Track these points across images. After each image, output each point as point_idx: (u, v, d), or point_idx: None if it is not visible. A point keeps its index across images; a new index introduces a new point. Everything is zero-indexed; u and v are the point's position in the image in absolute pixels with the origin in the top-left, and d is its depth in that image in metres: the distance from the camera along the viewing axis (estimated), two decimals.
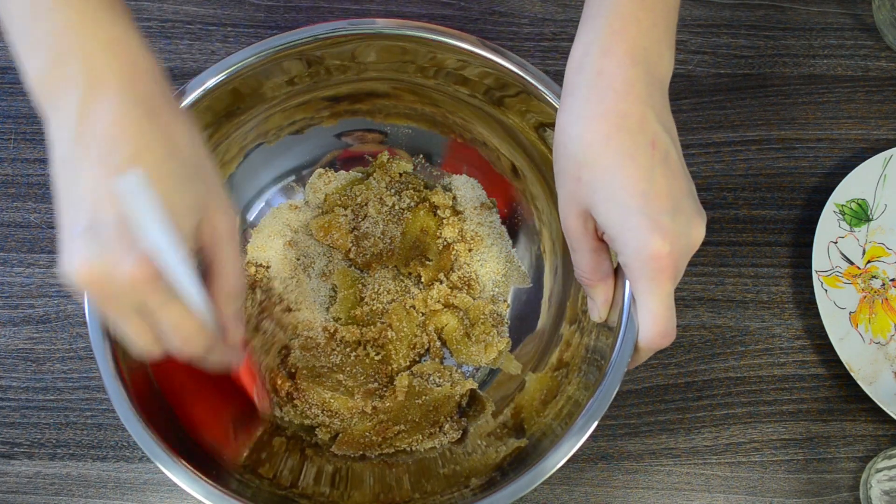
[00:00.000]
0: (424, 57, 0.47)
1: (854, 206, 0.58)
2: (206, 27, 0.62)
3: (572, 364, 0.47)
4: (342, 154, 0.56)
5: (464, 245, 0.54)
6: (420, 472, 0.48)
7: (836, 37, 0.64)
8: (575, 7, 0.63)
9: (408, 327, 0.51)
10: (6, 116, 0.60)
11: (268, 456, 0.47)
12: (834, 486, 0.54)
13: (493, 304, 0.53)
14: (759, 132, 0.61)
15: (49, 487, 0.53)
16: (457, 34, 0.46)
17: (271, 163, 0.54)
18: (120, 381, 0.40)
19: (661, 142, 0.35)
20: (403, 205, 0.54)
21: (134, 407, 0.39)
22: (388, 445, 0.49)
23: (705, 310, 0.57)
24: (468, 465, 0.47)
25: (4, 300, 0.56)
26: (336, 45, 0.46)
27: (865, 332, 0.56)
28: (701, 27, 0.64)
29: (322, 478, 0.47)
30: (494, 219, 0.55)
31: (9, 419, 0.54)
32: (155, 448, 0.39)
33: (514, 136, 0.51)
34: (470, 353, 0.52)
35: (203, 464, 0.40)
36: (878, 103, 0.62)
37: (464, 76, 0.48)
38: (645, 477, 0.54)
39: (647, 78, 0.35)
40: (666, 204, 0.34)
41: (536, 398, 0.48)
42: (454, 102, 0.51)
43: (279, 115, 0.51)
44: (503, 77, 0.46)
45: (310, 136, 0.54)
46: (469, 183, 0.55)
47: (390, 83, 0.51)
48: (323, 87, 0.50)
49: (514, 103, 0.48)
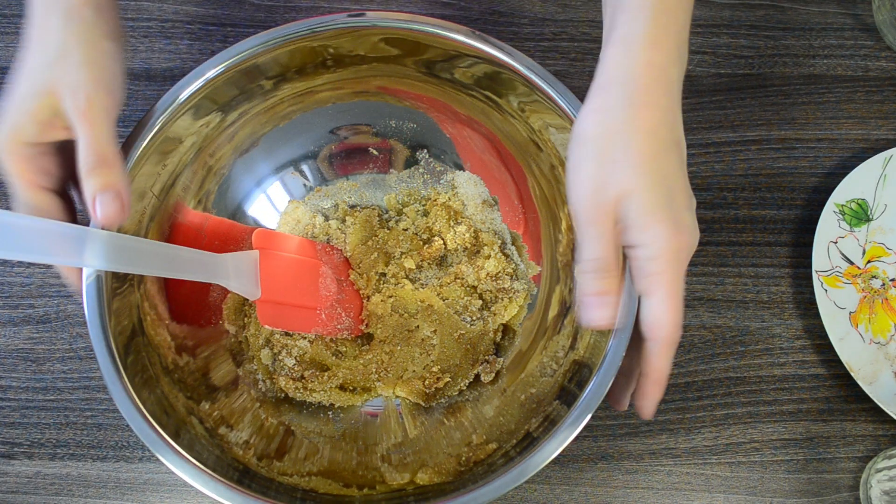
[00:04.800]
0: (428, 51, 0.48)
1: (854, 206, 0.58)
2: (206, 27, 0.62)
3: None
4: (338, 146, 0.56)
5: (465, 244, 0.54)
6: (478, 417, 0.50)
7: (836, 37, 0.64)
8: (575, 7, 0.63)
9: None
10: None
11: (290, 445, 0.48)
12: (834, 486, 0.54)
13: (498, 280, 0.54)
14: (759, 132, 0.61)
15: (49, 487, 0.53)
16: (465, 30, 0.46)
17: (267, 157, 0.54)
18: (118, 375, 0.40)
19: (683, 140, 0.37)
20: (420, 223, 0.55)
21: (134, 402, 0.39)
22: (441, 395, 0.51)
23: (705, 310, 0.57)
24: (541, 387, 0.48)
25: (4, 300, 0.56)
26: (335, 38, 0.47)
27: (865, 332, 0.56)
28: (701, 27, 0.64)
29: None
30: (496, 216, 0.55)
31: (9, 419, 0.54)
32: (158, 443, 0.39)
33: (515, 131, 0.51)
34: (495, 319, 0.53)
35: (202, 455, 0.40)
36: (878, 103, 0.62)
37: (467, 70, 0.48)
38: (645, 477, 0.54)
39: (681, 76, 0.37)
40: (687, 201, 0.36)
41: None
42: (457, 97, 0.52)
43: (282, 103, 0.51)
44: (504, 73, 0.46)
45: (305, 128, 0.54)
46: (472, 180, 0.56)
47: (390, 78, 0.51)
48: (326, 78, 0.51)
49: (514, 99, 0.48)
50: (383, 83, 0.52)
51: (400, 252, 0.54)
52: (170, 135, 0.45)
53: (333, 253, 0.54)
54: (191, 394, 0.46)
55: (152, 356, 0.44)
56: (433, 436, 0.50)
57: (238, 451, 0.45)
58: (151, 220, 0.46)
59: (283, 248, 0.51)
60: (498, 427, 0.48)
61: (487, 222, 0.55)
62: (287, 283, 0.49)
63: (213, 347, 0.51)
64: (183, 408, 0.44)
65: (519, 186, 0.54)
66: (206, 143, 0.49)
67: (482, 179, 0.56)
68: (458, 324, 0.52)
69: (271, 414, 0.50)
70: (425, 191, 0.56)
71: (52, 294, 0.56)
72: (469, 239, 0.54)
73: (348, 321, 0.52)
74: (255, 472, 0.44)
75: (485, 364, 0.52)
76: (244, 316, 0.53)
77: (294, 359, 0.51)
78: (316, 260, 0.52)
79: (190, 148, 0.48)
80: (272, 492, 0.42)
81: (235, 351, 0.52)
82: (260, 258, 0.48)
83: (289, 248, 0.51)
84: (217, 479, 0.39)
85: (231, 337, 0.52)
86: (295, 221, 0.55)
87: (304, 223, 0.55)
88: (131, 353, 0.42)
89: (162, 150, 0.46)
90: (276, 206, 0.55)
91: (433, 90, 0.52)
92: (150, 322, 0.45)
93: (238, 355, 0.52)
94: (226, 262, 0.46)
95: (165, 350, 0.46)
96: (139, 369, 0.42)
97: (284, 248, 0.51)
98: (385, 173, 0.57)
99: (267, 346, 0.52)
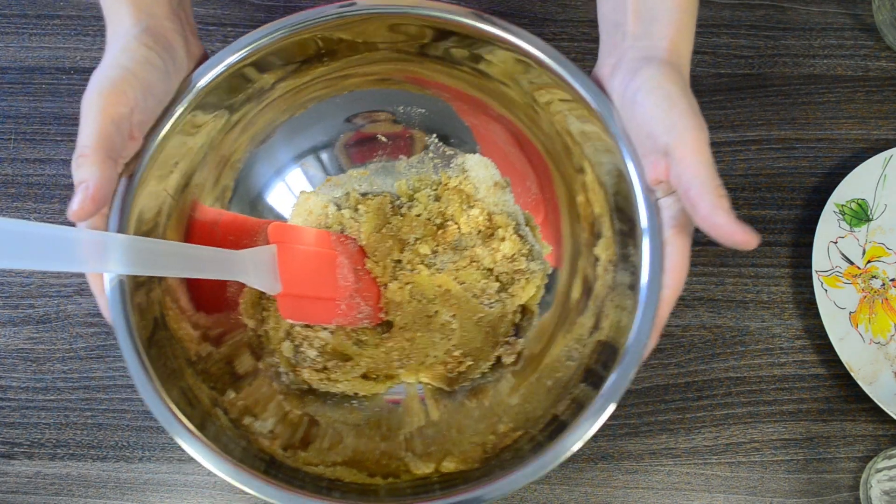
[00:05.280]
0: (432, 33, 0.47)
1: (854, 206, 0.58)
2: (206, 27, 0.62)
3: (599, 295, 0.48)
4: (354, 136, 0.55)
5: (479, 226, 0.54)
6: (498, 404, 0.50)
7: (836, 37, 0.64)
8: (575, 7, 0.63)
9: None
10: (6, 116, 0.60)
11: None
12: (834, 486, 0.54)
13: (515, 262, 0.54)
14: (759, 132, 0.61)
15: (49, 487, 0.53)
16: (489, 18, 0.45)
17: (287, 145, 0.54)
18: (146, 374, 0.39)
19: None
20: (432, 207, 0.55)
21: (164, 400, 0.39)
22: (464, 379, 0.51)
23: (705, 310, 0.57)
24: (566, 371, 0.47)
25: (4, 300, 0.56)
26: (340, 28, 0.46)
27: (865, 332, 0.56)
28: (701, 27, 0.64)
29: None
30: (509, 198, 0.55)
31: (9, 419, 0.54)
32: (189, 438, 0.39)
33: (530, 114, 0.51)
34: (512, 300, 0.53)
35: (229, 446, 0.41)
36: (878, 103, 0.62)
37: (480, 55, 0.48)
38: (645, 477, 0.54)
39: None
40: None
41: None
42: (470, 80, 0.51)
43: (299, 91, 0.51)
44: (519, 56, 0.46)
45: (320, 118, 0.54)
46: (482, 162, 0.55)
47: (398, 63, 0.51)
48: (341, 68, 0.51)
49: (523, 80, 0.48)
50: (396, 69, 0.51)
51: (414, 238, 0.54)
52: (181, 130, 0.45)
53: (348, 242, 0.53)
54: (215, 384, 0.46)
55: (176, 349, 0.44)
56: (457, 421, 0.49)
57: (264, 442, 0.44)
58: (169, 219, 0.46)
59: (299, 241, 0.50)
60: (524, 414, 0.47)
61: (500, 204, 0.55)
62: (306, 275, 0.49)
63: (237, 336, 0.50)
64: (207, 399, 0.44)
65: (538, 173, 0.54)
66: (218, 138, 0.49)
67: (493, 161, 0.55)
68: (477, 307, 0.52)
69: (295, 406, 0.49)
70: (436, 175, 0.56)
71: (52, 294, 0.56)
72: (483, 222, 0.54)
73: (368, 310, 0.52)
74: (282, 463, 0.43)
75: (506, 346, 0.52)
76: (262, 310, 0.52)
77: (316, 350, 0.51)
78: (332, 251, 0.52)
79: (202, 146, 0.48)
80: (298, 482, 0.41)
81: (255, 345, 0.51)
82: (277, 252, 0.48)
83: (305, 240, 0.51)
84: (247, 470, 0.39)
85: (250, 331, 0.52)
86: (307, 213, 0.54)
87: (317, 214, 0.54)
88: (153, 346, 0.42)
89: (177, 143, 0.45)
90: (293, 191, 0.55)
91: (448, 78, 0.51)
92: (171, 316, 0.45)
93: (258, 349, 0.51)
94: (244, 258, 0.46)
95: (188, 342, 0.46)
96: (162, 363, 0.42)
97: (301, 240, 0.51)
98: (395, 160, 0.56)
99: (288, 339, 0.52)
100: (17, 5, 0.63)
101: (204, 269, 0.43)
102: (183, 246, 0.43)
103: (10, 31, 0.62)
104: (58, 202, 0.58)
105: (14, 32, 0.62)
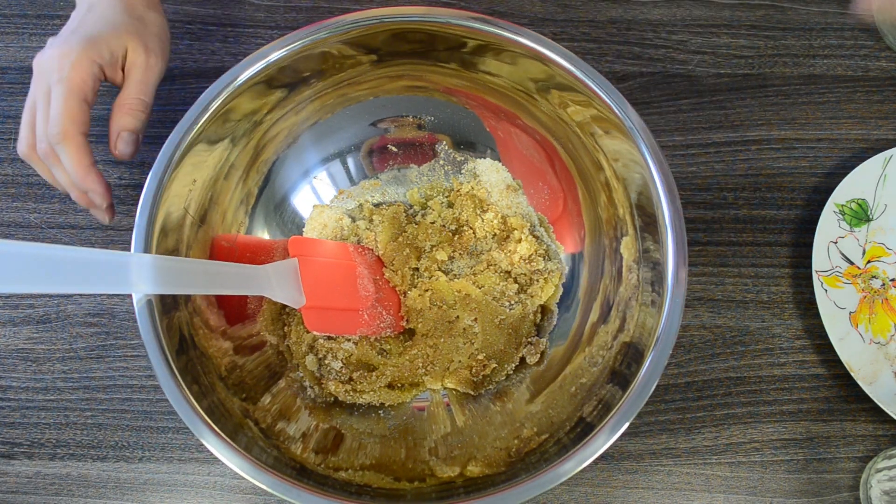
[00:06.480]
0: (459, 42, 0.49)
1: (854, 206, 0.58)
2: (206, 27, 0.62)
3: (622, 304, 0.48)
4: (378, 142, 0.56)
5: (494, 230, 0.54)
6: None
7: (836, 37, 0.64)
8: (575, 7, 0.63)
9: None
10: (6, 116, 0.60)
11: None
12: (834, 486, 0.54)
13: (532, 263, 0.54)
14: (759, 132, 0.61)
15: (49, 487, 0.53)
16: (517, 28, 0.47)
17: (315, 147, 0.55)
18: (180, 391, 0.40)
19: None
20: (445, 214, 0.55)
21: (199, 415, 0.40)
22: (489, 382, 0.52)
23: (705, 310, 0.57)
24: (591, 376, 0.48)
25: (4, 300, 0.56)
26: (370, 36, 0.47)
27: (865, 332, 0.56)
28: (701, 27, 0.64)
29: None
30: (522, 200, 0.55)
31: (9, 419, 0.54)
32: (226, 450, 0.39)
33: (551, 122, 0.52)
34: (533, 300, 0.54)
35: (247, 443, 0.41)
36: (878, 103, 0.62)
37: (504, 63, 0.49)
38: (645, 477, 0.54)
39: None
40: None
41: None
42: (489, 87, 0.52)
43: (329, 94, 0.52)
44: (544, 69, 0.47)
45: (345, 123, 0.54)
46: (494, 166, 0.56)
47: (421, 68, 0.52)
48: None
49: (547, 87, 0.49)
50: (420, 75, 0.52)
51: (430, 245, 0.54)
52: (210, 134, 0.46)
53: (366, 253, 0.54)
54: (247, 395, 0.46)
55: (207, 365, 0.44)
56: (482, 426, 0.50)
57: (295, 450, 0.45)
58: (195, 239, 0.47)
59: (319, 253, 0.51)
60: (549, 419, 0.47)
61: (514, 206, 0.55)
62: (328, 287, 0.49)
63: (260, 355, 0.51)
64: (239, 411, 0.44)
65: (560, 177, 0.54)
66: (244, 143, 0.50)
67: (506, 165, 0.56)
68: (498, 309, 0.52)
69: (322, 419, 0.50)
70: (447, 182, 0.56)
71: (52, 294, 0.56)
72: (497, 225, 0.54)
73: (389, 319, 0.52)
74: (312, 470, 0.44)
75: (529, 346, 0.53)
76: (283, 325, 0.53)
77: (341, 361, 0.51)
78: (351, 261, 0.52)
79: (221, 160, 0.49)
80: (329, 487, 0.42)
81: (276, 363, 0.52)
82: (299, 265, 0.48)
83: (324, 252, 0.51)
84: (282, 477, 0.39)
85: (271, 348, 0.52)
86: (322, 226, 0.55)
87: (332, 227, 0.55)
88: (182, 362, 0.42)
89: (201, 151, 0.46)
90: (319, 196, 0.56)
91: (470, 85, 0.52)
92: (201, 335, 0.45)
93: (281, 365, 0.51)
94: (268, 273, 0.46)
95: (219, 359, 0.46)
96: (192, 380, 0.42)
97: (320, 252, 0.51)
98: (406, 168, 0.57)
99: (311, 352, 0.52)
100: (17, 5, 0.63)
101: (229, 285, 0.43)
102: (206, 263, 0.44)
103: (10, 31, 0.62)
104: (58, 202, 0.58)
105: (14, 32, 0.62)
